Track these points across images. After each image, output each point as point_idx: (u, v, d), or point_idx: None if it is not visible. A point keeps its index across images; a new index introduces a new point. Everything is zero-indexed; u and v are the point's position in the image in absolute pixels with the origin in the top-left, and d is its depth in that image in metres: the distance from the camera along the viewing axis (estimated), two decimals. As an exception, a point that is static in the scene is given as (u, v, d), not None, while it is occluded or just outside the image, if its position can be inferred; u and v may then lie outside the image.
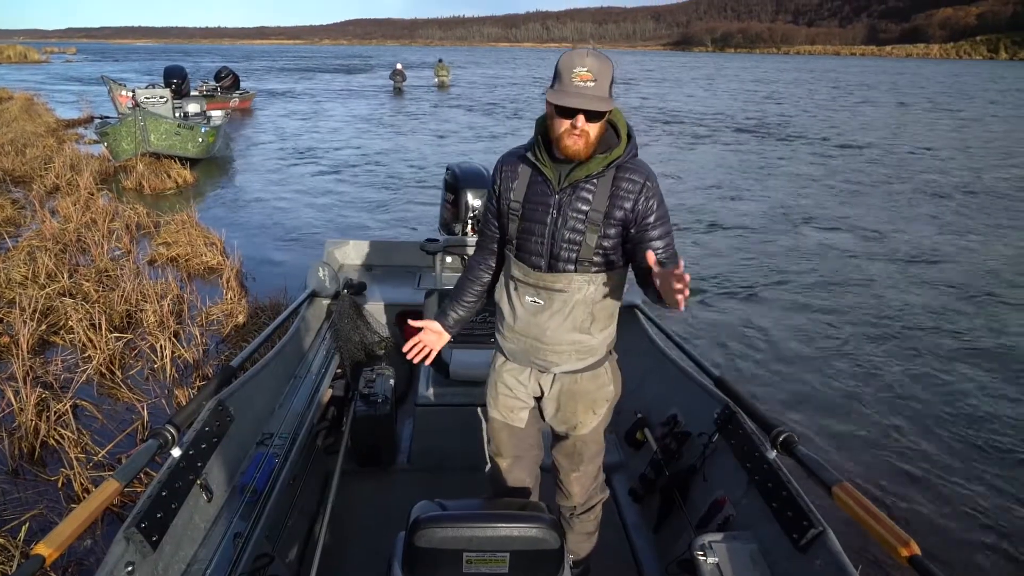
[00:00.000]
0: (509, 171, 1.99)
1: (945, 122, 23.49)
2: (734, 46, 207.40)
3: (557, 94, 1.75)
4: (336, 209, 10.30)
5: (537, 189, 1.92)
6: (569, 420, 2.10)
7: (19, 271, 6.18)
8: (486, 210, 2.11)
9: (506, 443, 2.22)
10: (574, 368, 2.02)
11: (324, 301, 3.78)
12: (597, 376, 2.07)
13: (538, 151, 1.90)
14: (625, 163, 1.87)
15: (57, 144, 13.83)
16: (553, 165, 1.89)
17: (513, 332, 2.03)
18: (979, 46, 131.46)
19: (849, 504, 1.82)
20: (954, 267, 7.84)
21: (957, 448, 4.25)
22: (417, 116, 22.82)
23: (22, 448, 3.78)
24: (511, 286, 2.01)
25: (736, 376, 4.95)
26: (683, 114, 24.66)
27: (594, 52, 1.76)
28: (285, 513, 2.51)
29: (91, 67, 53.01)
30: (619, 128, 1.89)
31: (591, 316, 1.95)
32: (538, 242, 1.92)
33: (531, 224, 1.93)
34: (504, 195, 1.99)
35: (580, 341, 1.97)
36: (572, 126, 1.76)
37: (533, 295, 1.95)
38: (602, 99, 1.74)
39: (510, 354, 2.09)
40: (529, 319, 1.97)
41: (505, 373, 2.13)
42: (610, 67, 1.76)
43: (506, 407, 2.16)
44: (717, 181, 12.57)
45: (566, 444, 2.16)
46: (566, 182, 1.87)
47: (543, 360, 2.01)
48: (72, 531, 1.62)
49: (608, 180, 1.86)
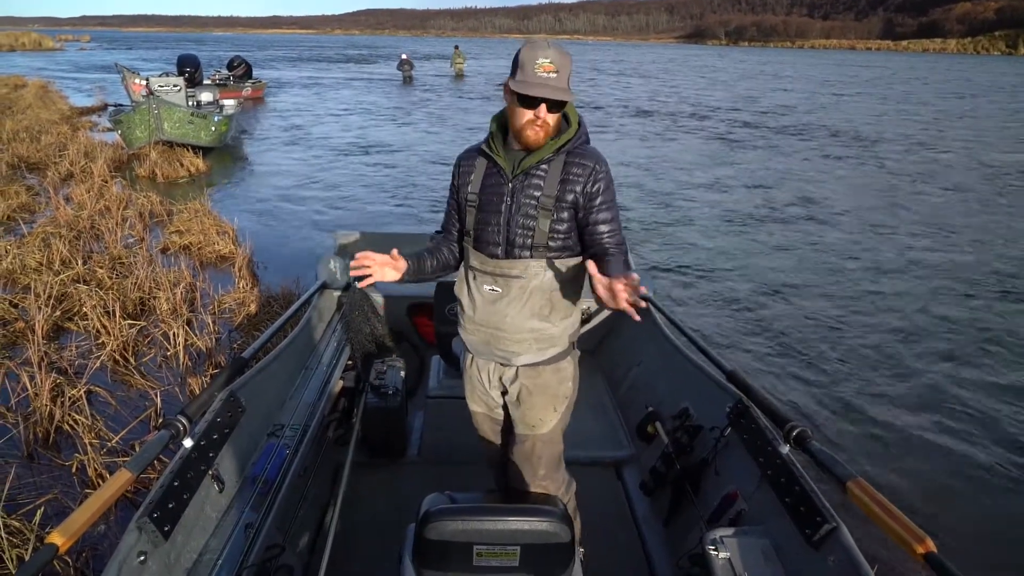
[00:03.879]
0: (466, 166, 2.05)
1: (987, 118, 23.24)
2: (748, 39, 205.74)
3: (521, 84, 1.79)
4: (346, 198, 10.30)
5: (492, 180, 1.97)
6: (529, 418, 2.09)
7: (34, 257, 6.23)
8: (447, 206, 2.16)
9: (490, 432, 2.28)
10: (535, 360, 2.03)
11: (335, 293, 3.79)
12: (559, 369, 2.07)
13: (493, 143, 1.96)
14: (575, 148, 1.92)
15: (71, 131, 13.92)
16: (507, 155, 1.95)
17: (473, 323, 2.04)
18: (997, 41, 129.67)
19: (863, 500, 1.80)
20: (977, 261, 7.74)
21: (976, 445, 4.20)
22: (428, 106, 22.77)
23: (37, 433, 3.81)
24: (470, 276, 2.04)
25: (749, 369, 4.92)
26: (698, 107, 24.50)
27: (555, 44, 1.82)
28: (296, 504, 2.52)
29: (105, 55, 53.18)
30: (569, 115, 1.95)
31: (550, 303, 1.97)
32: (494, 231, 1.95)
33: (487, 214, 1.97)
34: (462, 189, 2.05)
35: (540, 329, 1.98)
36: (535, 116, 1.82)
37: (491, 283, 1.98)
38: (564, 90, 1.81)
39: (472, 348, 2.11)
40: (488, 308, 1.99)
41: (473, 369, 2.16)
42: (569, 60, 1.83)
43: (482, 401, 2.21)
44: (733, 174, 12.49)
45: (523, 447, 2.11)
46: (519, 169, 1.92)
47: (504, 350, 2.02)
48: (85, 520, 1.63)
49: (559, 165, 1.91)
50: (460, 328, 2.13)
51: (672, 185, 11.51)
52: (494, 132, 1.96)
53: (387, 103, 23.65)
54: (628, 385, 3.61)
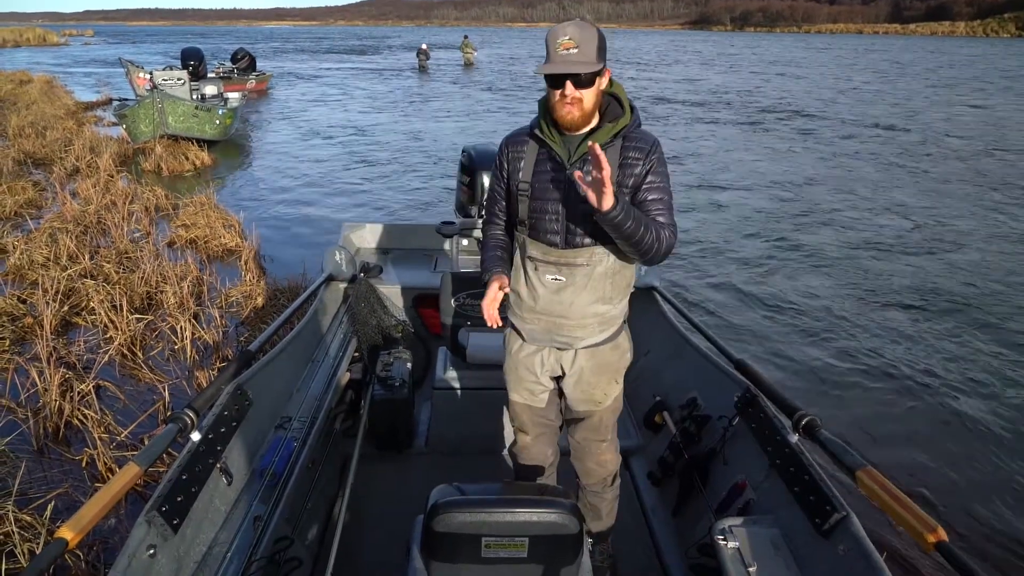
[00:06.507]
0: (515, 151, 2.00)
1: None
2: (754, 25, 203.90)
3: (545, 65, 1.79)
4: (352, 191, 10.29)
5: (546, 166, 1.93)
6: (593, 395, 2.11)
7: (41, 253, 6.25)
8: (492, 191, 2.11)
9: (528, 421, 2.25)
10: (596, 341, 2.02)
11: (341, 285, 3.78)
12: (618, 345, 2.08)
13: (546, 127, 1.91)
14: (631, 132, 1.90)
15: (77, 126, 13.96)
16: (562, 140, 1.90)
17: (534, 313, 2.01)
18: (1007, 23, 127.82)
19: (874, 489, 1.79)
20: (987, 251, 7.66)
21: (990, 435, 4.17)
22: (437, 94, 22.68)
23: (47, 428, 3.84)
24: (529, 267, 1.99)
25: (758, 359, 4.89)
26: (711, 95, 24.35)
27: (577, 22, 1.80)
28: (304, 496, 2.52)
29: (109, 49, 53.20)
30: (622, 100, 1.92)
31: (612, 285, 1.96)
32: (552, 219, 1.92)
33: (543, 202, 1.93)
34: (512, 176, 1.99)
35: (603, 312, 1.98)
36: (562, 95, 1.80)
37: (554, 273, 1.94)
38: (585, 63, 1.77)
39: (529, 336, 2.08)
40: (551, 297, 1.96)
41: (524, 357, 2.12)
42: (594, 34, 1.80)
43: (527, 390, 2.17)
44: (749, 162, 12.41)
45: (591, 420, 2.17)
46: (575, 156, 1.88)
47: (567, 336, 2.01)
48: (94, 514, 1.63)
49: (616, 150, 1.88)
50: (514, 317, 2.10)
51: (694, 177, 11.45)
52: (544, 116, 1.92)
53: (395, 92, 23.56)
54: (635, 375, 3.58)
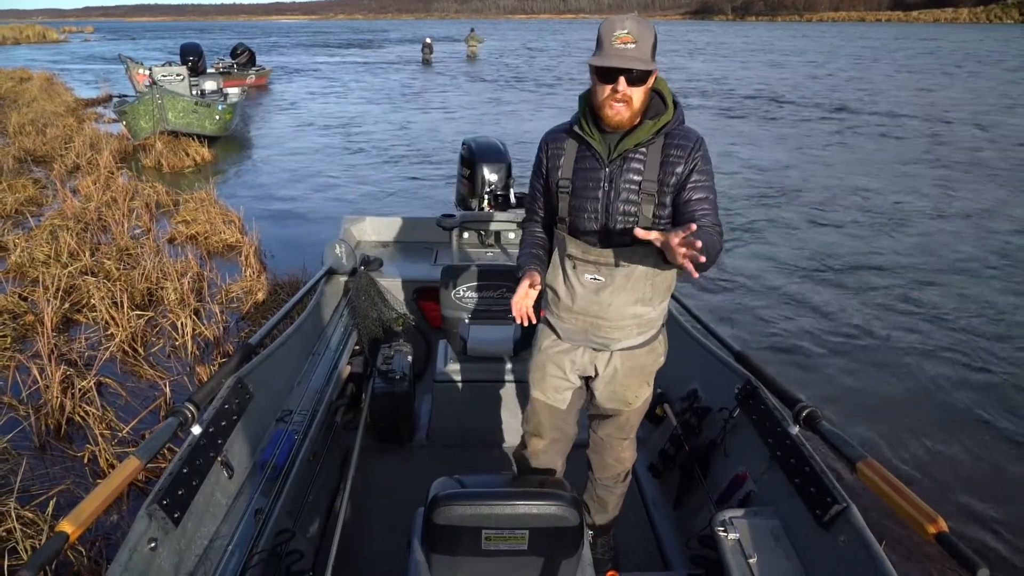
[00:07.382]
0: (555, 148, 1.95)
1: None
2: (755, 14, 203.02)
3: (597, 57, 1.72)
4: (353, 185, 10.29)
5: (585, 163, 1.88)
6: (624, 396, 2.09)
7: (42, 250, 6.26)
8: (532, 188, 2.07)
9: (546, 424, 2.20)
10: (632, 344, 1.99)
11: (341, 278, 3.78)
12: (653, 349, 2.05)
13: (585, 123, 1.86)
14: (674, 130, 1.84)
15: (77, 123, 13.94)
16: (601, 137, 1.85)
17: (571, 312, 1.98)
18: (1010, 9, 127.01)
19: (874, 480, 1.79)
20: (992, 246, 7.63)
21: (990, 426, 4.16)
22: (444, 88, 22.62)
23: (48, 424, 3.85)
24: (567, 265, 1.95)
25: (758, 351, 4.88)
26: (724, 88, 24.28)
27: (635, 17, 1.74)
28: (305, 489, 2.52)
29: (109, 46, 53.12)
30: (665, 96, 1.86)
31: (652, 287, 1.91)
32: (592, 217, 1.88)
33: (582, 200, 1.88)
34: (552, 173, 1.95)
35: (641, 314, 1.95)
36: (613, 91, 1.73)
37: (593, 272, 1.91)
38: (643, 60, 1.71)
39: (565, 334, 2.05)
40: (590, 297, 1.93)
41: (555, 353, 2.09)
42: (651, 31, 1.74)
43: (552, 388, 2.13)
44: (762, 155, 12.38)
45: (618, 419, 2.16)
46: (615, 153, 1.83)
47: (603, 337, 1.98)
48: (95, 508, 1.64)
49: (658, 147, 1.83)
50: (550, 315, 2.07)
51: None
52: (585, 112, 1.87)
53: (396, 86, 23.52)
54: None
